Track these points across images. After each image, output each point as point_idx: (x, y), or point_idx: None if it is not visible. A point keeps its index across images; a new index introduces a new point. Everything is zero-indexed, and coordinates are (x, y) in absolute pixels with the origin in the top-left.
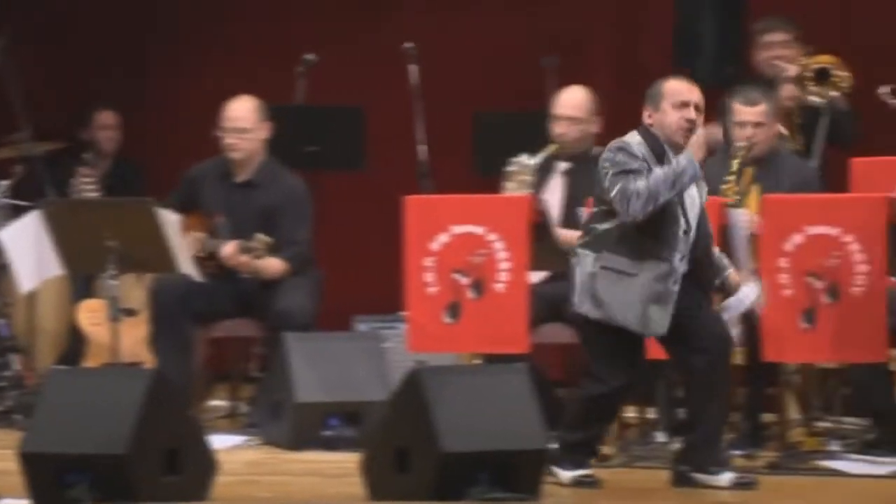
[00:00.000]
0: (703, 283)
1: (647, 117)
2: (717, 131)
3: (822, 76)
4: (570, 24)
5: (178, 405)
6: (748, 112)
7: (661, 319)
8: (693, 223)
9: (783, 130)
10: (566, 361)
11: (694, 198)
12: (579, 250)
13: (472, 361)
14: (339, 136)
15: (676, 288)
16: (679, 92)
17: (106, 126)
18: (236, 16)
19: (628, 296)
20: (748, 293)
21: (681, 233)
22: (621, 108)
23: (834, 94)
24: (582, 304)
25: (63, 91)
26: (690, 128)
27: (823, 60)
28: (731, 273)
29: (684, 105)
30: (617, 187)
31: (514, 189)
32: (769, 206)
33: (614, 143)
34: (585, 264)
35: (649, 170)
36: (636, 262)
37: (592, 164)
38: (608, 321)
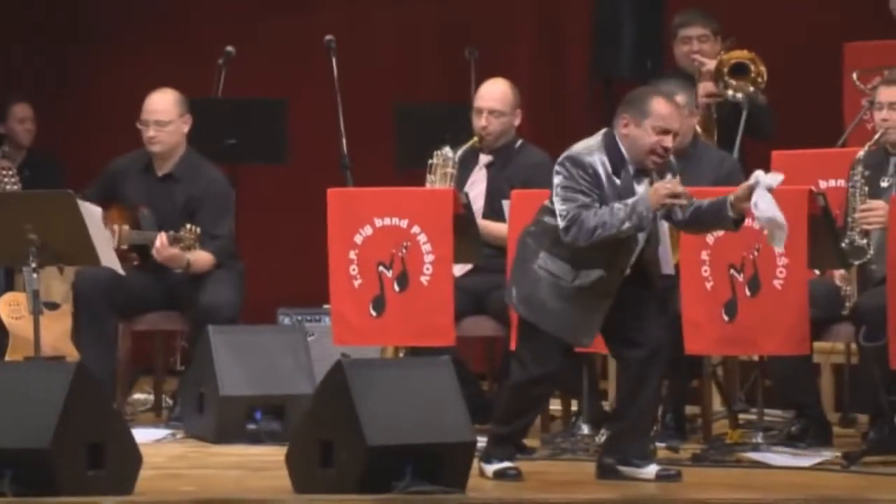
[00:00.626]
0: (649, 282)
1: (623, 126)
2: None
3: (739, 71)
4: (490, 16)
5: (101, 399)
6: None
7: (589, 331)
8: (643, 237)
9: (698, 129)
10: (489, 354)
11: None
12: (527, 237)
13: (397, 354)
14: (261, 129)
15: (610, 300)
16: (665, 118)
17: (22, 118)
18: (157, 8)
19: (560, 304)
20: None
21: (625, 248)
22: (541, 101)
23: (751, 88)
24: (515, 298)
25: None
26: (664, 157)
27: (740, 56)
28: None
29: (665, 132)
30: (567, 206)
31: (437, 182)
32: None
33: (572, 153)
34: (527, 254)
35: (597, 187)
36: (574, 269)
37: (515, 157)
38: (537, 324)
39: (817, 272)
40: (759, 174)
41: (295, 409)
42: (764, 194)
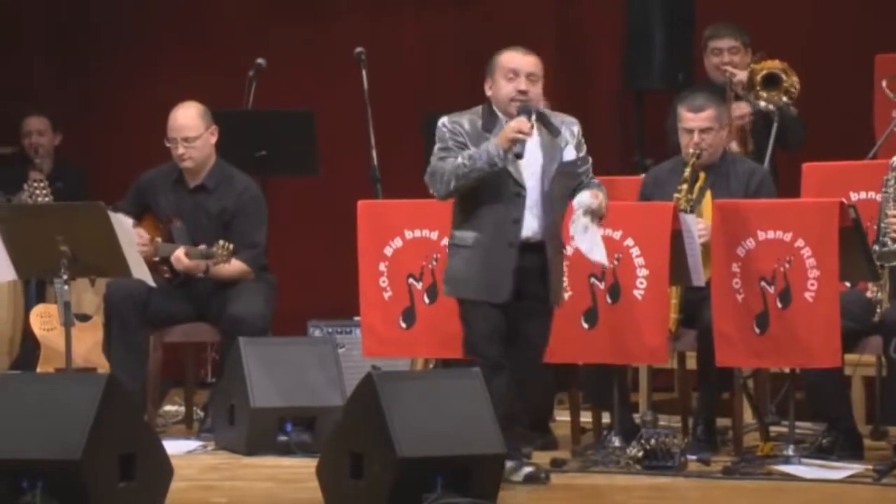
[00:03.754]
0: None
1: (488, 89)
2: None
3: (771, 82)
4: (515, 26)
5: (132, 410)
6: (693, 119)
7: (501, 284)
8: (529, 184)
9: (735, 148)
10: None
11: (534, 159)
12: None
13: (428, 366)
14: (291, 141)
15: (514, 251)
16: (510, 61)
17: (33, 131)
18: (186, 20)
19: (467, 265)
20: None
21: (511, 195)
22: (570, 113)
23: (784, 99)
24: (445, 290)
25: (7, 98)
26: (522, 99)
27: (772, 66)
28: (587, 195)
29: (515, 75)
30: (429, 167)
31: None
32: (721, 211)
33: (445, 117)
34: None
35: (468, 142)
36: (472, 231)
37: None
38: (457, 295)
39: (848, 284)
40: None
41: (325, 420)
42: (581, 226)
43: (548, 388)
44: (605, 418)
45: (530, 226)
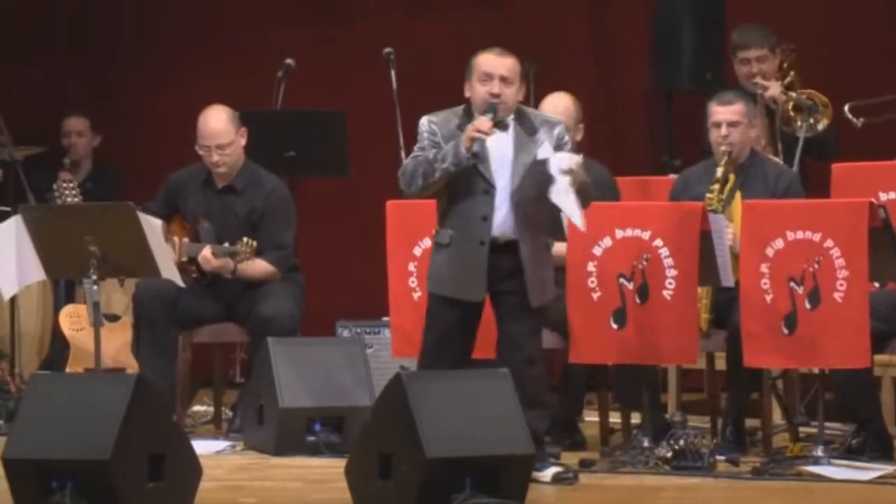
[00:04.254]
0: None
1: (467, 91)
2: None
3: (802, 109)
4: (546, 28)
5: (161, 411)
6: (722, 111)
7: (474, 285)
8: (499, 182)
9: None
10: (549, 366)
11: (505, 157)
12: None
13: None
14: (321, 142)
15: (485, 249)
16: (483, 65)
17: (72, 131)
18: (215, 21)
19: (443, 264)
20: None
21: (479, 192)
22: (598, 115)
23: (811, 121)
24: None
25: (39, 96)
26: (495, 102)
27: (805, 95)
28: (566, 156)
29: (488, 78)
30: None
31: None
32: (750, 211)
33: (425, 116)
34: None
35: (442, 140)
36: (446, 229)
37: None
38: (436, 292)
39: (877, 285)
40: (553, 158)
41: (354, 421)
42: (558, 178)
43: (575, 388)
44: (634, 419)
45: (501, 223)
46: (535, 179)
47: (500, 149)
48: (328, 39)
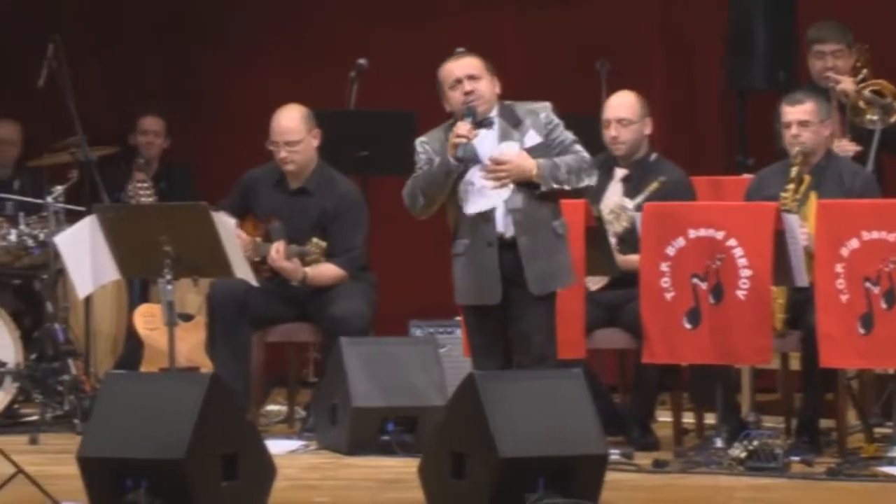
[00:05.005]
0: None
1: (446, 106)
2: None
3: (873, 103)
4: (617, 27)
5: (235, 410)
6: (792, 111)
7: (490, 288)
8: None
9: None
10: (621, 366)
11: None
12: None
13: None
14: (393, 141)
15: (493, 250)
16: (447, 74)
17: (149, 131)
18: (288, 20)
19: (461, 274)
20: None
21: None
22: (673, 114)
23: (885, 115)
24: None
25: (114, 96)
26: (471, 100)
27: (876, 86)
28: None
29: (457, 82)
30: None
31: None
32: (825, 211)
33: (419, 138)
34: None
35: (431, 158)
36: (461, 239)
37: (650, 171)
38: (460, 302)
39: None
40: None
41: (427, 420)
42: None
43: (649, 388)
44: (708, 419)
45: (501, 222)
46: None
47: (487, 147)
48: (401, 39)
